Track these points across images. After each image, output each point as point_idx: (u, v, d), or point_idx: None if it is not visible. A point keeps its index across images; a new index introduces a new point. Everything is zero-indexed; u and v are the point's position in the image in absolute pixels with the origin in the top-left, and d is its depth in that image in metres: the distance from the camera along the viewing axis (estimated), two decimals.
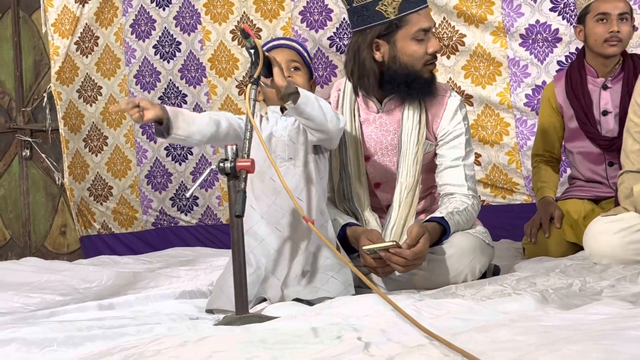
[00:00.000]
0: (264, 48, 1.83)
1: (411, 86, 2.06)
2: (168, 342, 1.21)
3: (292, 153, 1.87)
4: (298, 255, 1.81)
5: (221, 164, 1.57)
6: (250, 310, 1.61)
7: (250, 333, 1.28)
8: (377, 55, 2.07)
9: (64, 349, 1.25)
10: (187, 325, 1.46)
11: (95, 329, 1.36)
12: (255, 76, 1.67)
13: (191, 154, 4.19)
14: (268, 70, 1.72)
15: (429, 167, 2.16)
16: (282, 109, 1.95)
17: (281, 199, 1.82)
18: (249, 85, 1.67)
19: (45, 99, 4.57)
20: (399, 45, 2.05)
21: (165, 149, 4.23)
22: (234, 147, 1.58)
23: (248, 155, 1.58)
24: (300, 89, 1.76)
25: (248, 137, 1.61)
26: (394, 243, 1.78)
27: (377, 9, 2.02)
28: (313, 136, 1.86)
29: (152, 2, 4.18)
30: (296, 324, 1.35)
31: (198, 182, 1.64)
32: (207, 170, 1.64)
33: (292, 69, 1.97)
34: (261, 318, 1.53)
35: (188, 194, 1.66)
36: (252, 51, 1.68)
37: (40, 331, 1.31)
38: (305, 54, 2.04)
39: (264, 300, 1.78)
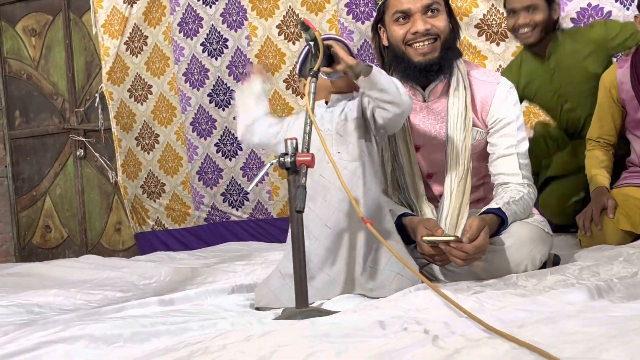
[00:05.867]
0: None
1: (405, 72, 2.05)
2: (232, 337, 1.22)
3: (340, 147, 1.84)
4: (354, 252, 1.78)
5: (281, 159, 1.57)
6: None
7: (314, 327, 1.28)
8: (384, 41, 2.12)
9: (131, 345, 1.27)
10: (249, 320, 1.47)
11: (159, 324, 1.38)
12: (315, 69, 1.66)
13: (241, 149, 4.23)
14: (328, 61, 1.72)
15: (481, 156, 2.12)
16: (326, 102, 1.94)
17: (330, 195, 1.79)
18: (309, 78, 1.67)
19: (97, 99, 4.66)
20: (388, 29, 2.08)
21: (215, 145, 4.27)
22: (294, 141, 1.58)
23: (308, 150, 1.57)
24: (370, 64, 1.77)
25: (308, 132, 1.60)
26: (456, 237, 1.76)
27: None
28: (387, 111, 1.80)
29: (199, 0, 4.22)
30: (358, 318, 1.34)
31: (259, 176, 1.65)
32: (268, 165, 1.64)
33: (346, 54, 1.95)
34: (321, 312, 1.53)
35: (249, 188, 1.65)
36: (312, 43, 1.67)
37: (107, 328, 1.33)
38: (348, 45, 2.02)
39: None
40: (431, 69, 2.02)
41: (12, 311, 1.83)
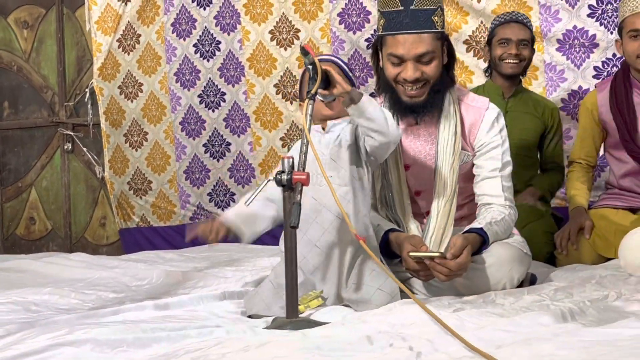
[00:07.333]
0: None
1: (395, 105, 2.12)
2: (230, 346, 1.29)
3: (332, 171, 1.91)
4: (342, 269, 1.87)
5: (278, 176, 1.66)
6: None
7: (307, 339, 1.36)
8: (380, 62, 2.18)
9: (134, 350, 1.34)
10: (243, 328, 1.54)
11: (159, 330, 1.45)
12: (313, 91, 1.74)
13: (229, 151, 4.29)
14: (325, 84, 1.80)
15: (467, 177, 2.22)
16: (323, 128, 2.02)
17: (321, 217, 1.88)
18: (307, 100, 1.75)
19: (87, 94, 4.69)
20: (383, 61, 2.15)
21: (204, 145, 4.33)
22: (291, 160, 1.67)
23: (304, 169, 1.66)
24: (362, 92, 1.84)
25: (304, 151, 1.68)
26: (440, 254, 1.86)
27: (379, 21, 2.14)
28: (374, 140, 1.87)
29: (193, 1, 4.27)
30: (347, 331, 1.43)
31: (257, 192, 1.73)
32: (266, 182, 1.72)
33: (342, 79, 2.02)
34: (310, 323, 1.61)
35: (247, 203, 1.73)
36: (310, 67, 1.75)
37: (111, 332, 1.41)
38: (346, 68, 2.09)
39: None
40: (416, 110, 2.12)
41: (9, 309, 1.89)
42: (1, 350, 1.36)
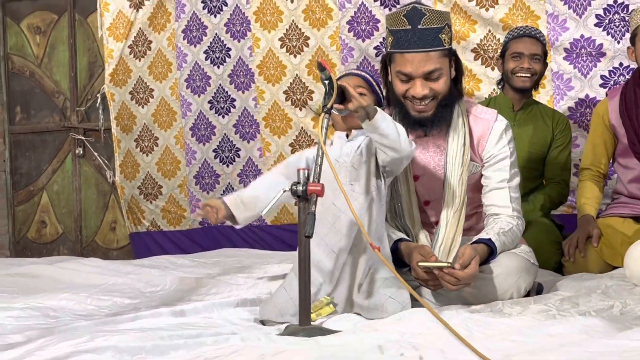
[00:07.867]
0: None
1: (403, 119, 2.16)
2: (246, 354, 1.33)
3: (353, 178, 1.97)
4: (354, 276, 1.91)
5: (293, 187, 1.71)
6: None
7: (320, 348, 1.40)
8: (389, 77, 2.22)
9: (152, 357, 1.38)
10: (257, 335, 1.59)
11: (176, 338, 1.50)
12: (329, 106, 1.79)
13: (239, 156, 4.34)
14: (340, 99, 1.85)
15: (475, 187, 2.26)
16: (347, 135, 2.08)
17: (340, 223, 1.92)
18: (322, 114, 1.80)
19: (99, 100, 4.75)
20: (392, 77, 2.20)
21: (214, 150, 4.38)
22: (306, 172, 1.72)
23: (319, 180, 1.71)
24: (377, 108, 1.89)
25: (319, 163, 1.73)
26: (449, 264, 1.90)
27: (388, 38, 2.19)
28: (386, 155, 1.92)
29: (204, 8, 4.33)
30: (360, 340, 1.47)
31: (272, 202, 1.78)
32: (281, 192, 1.77)
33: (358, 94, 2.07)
34: (323, 331, 1.66)
35: (263, 213, 1.79)
36: (326, 82, 1.80)
37: (130, 340, 1.45)
38: (374, 83, 2.14)
39: None
40: (425, 124, 2.17)
41: (28, 314, 1.93)
42: (23, 356, 1.40)
